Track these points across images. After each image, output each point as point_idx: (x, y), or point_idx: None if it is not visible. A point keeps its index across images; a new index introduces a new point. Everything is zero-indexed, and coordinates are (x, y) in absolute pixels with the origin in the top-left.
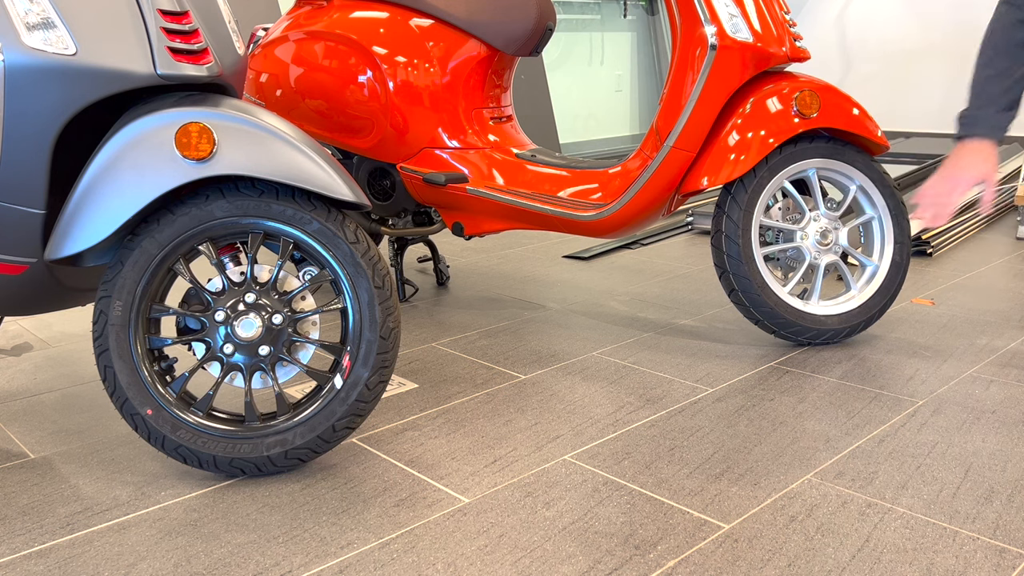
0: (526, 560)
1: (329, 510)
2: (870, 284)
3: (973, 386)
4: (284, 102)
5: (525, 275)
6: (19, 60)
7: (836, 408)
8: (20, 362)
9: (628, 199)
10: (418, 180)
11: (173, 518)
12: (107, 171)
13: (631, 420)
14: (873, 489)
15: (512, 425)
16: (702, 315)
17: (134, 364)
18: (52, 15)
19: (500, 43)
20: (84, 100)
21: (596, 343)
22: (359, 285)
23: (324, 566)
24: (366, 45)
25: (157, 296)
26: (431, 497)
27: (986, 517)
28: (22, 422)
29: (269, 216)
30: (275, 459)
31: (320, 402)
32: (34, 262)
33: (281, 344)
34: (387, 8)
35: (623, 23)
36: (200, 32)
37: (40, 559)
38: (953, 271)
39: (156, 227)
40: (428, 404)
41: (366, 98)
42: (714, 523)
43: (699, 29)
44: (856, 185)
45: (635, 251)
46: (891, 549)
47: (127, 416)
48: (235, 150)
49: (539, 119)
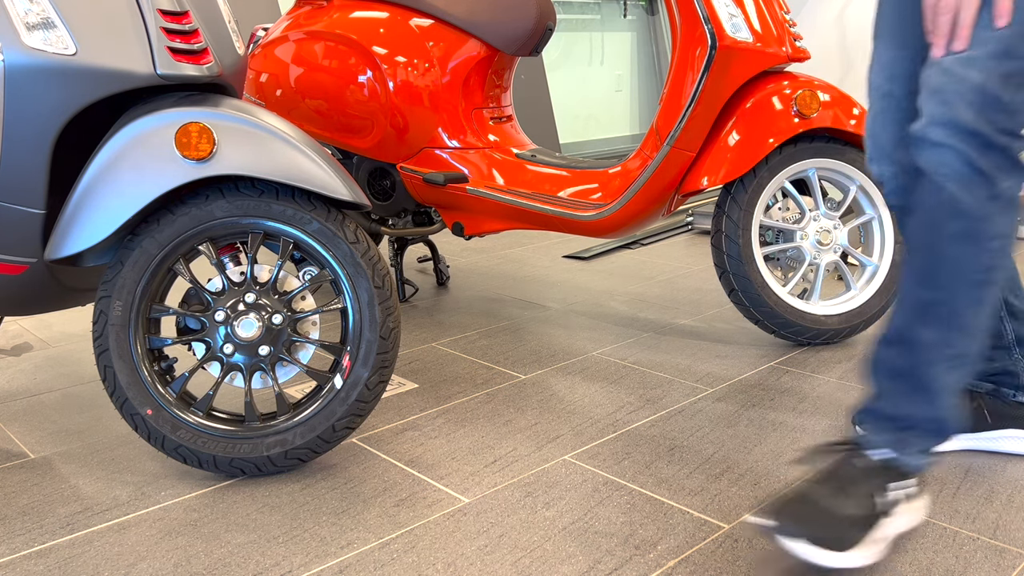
0: (526, 560)
1: (329, 510)
2: (870, 284)
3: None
4: (284, 102)
5: (525, 275)
6: (19, 60)
7: (836, 408)
8: (20, 362)
9: (628, 199)
10: (418, 180)
11: (173, 518)
12: (107, 171)
13: (631, 420)
14: None
15: (512, 425)
16: (702, 315)
17: (134, 364)
18: (52, 15)
19: (500, 43)
20: (84, 100)
21: (596, 343)
22: (359, 285)
23: (324, 566)
24: (366, 45)
25: (157, 296)
26: (431, 497)
27: (986, 517)
28: (22, 422)
29: (269, 216)
30: (275, 459)
31: (320, 402)
32: (34, 262)
33: (281, 344)
34: (387, 8)
35: (623, 23)
36: (200, 32)
37: (40, 559)
38: None
39: (156, 227)
40: (428, 404)
41: (366, 98)
42: (714, 523)
43: (699, 29)
44: (856, 185)
45: (635, 251)
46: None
47: (127, 416)
48: (235, 150)
49: (539, 119)
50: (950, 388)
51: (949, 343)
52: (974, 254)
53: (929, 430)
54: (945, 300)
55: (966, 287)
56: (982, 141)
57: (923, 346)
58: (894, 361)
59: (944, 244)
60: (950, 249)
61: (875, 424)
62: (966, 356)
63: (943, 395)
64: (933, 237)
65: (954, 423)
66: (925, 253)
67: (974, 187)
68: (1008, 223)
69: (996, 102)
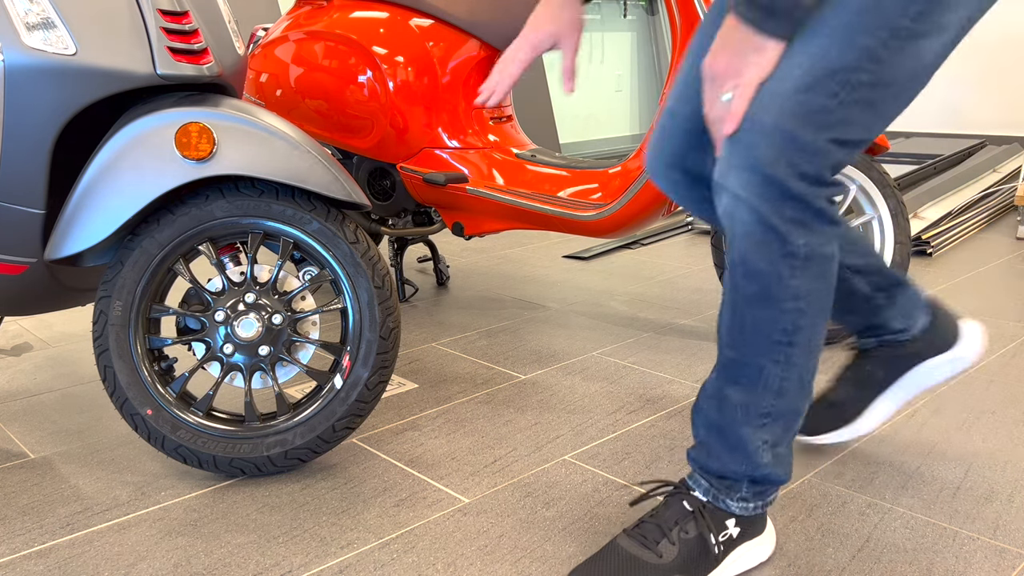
0: (526, 560)
1: (329, 510)
2: None
3: (973, 386)
4: (284, 102)
5: (525, 275)
6: (19, 60)
7: None
8: (20, 362)
9: (628, 199)
10: (418, 180)
11: (173, 518)
12: (107, 171)
13: (631, 420)
14: (873, 489)
15: (512, 425)
16: (702, 315)
17: (134, 364)
18: (52, 15)
19: (500, 43)
20: (84, 100)
21: (596, 343)
22: (359, 285)
23: (324, 566)
24: (366, 45)
25: (157, 296)
26: (431, 497)
27: (986, 517)
28: (22, 422)
29: (269, 216)
30: (275, 459)
31: (320, 402)
32: (34, 262)
33: (281, 344)
34: (387, 8)
35: (623, 23)
36: (200, 32)
37: (40, 559)
38: (953, 271)
39: (156, 227)
40: (428, 404)
41: (366, 98)
42: None
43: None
44: (856, 185)
45: (635, 251)
46: (891, 549)
47: (127, 416)
48: (235, 150)
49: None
50: (768, 444)
51: (758, 404)
52: (771, 317)
53: (747, 484)
54: (748, 362)
55: (767, 349)
56: (778, 191)
57: (731, 406)
58: (710, 414)
59: (741, 305)
60: (747, 311)
61: (697, 470)
62: (780, 414)
63: (760, 453)
64: (733, 296)
65: (778, 475)
66: (728, 310)
67: (766, 246)
68: (809, 281)
69: (794, 142)
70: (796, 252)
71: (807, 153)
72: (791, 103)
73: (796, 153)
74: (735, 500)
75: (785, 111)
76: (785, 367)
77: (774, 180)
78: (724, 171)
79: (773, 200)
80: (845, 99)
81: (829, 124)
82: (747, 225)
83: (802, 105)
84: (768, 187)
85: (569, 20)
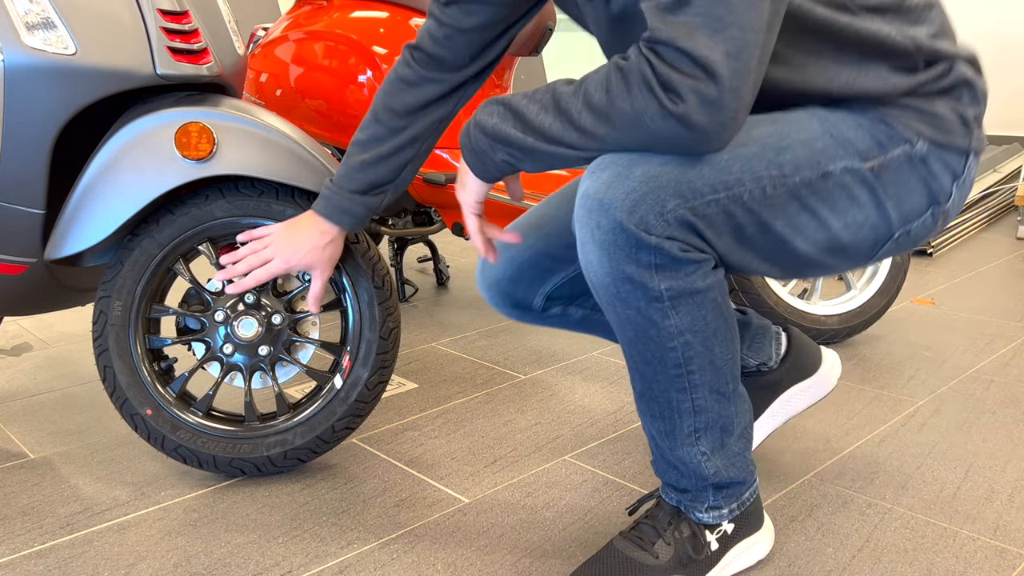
0: (526, 560)
1: (329, 510)
2: (870, 284)
3: (973, 386)
4: (284, 102)
5: None
6: (19, 60)
7: (836, 408)
8: (20, 362)
9: None
10: (418, 180)
11: (173, 518)
12: (107, 171)
13: (631, 420)
14: (873, 489)
15: (512, 425)
16: None
17: (134, 364)
18: (52, 15)
19: None
20: (84, 100)
21: (596, 343)
22: (359, 285)
23: (324, 566)
24: (366, 45)
25: (157, 296)
26: (431, 497)
27: (986, 517)
28: (22, 422)
29: (269, 216)
30: (275, 459)
31: (320, 402)
32: (34, 262)
33: (281, 344)
34: (387, 8)
35: None
36: (200, 32)
37: (40, 559)
38: (953, 271)
39: (156, 227)
40: (428, 404)
41: (366, 98)
42: None
43: None
44: None
45: None
46: (891, 549)
47: (127, 416)
48: (235, 150)
49: None
50: (707, 454)
51: (680, 427)
52: (660, 355)
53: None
54: (656, 396)
55: (668, 383)
56: (630, 240)
57: (657, 433)
58: (649, 438)
59: (629, 345)
60: (637, 350)
61: (663, 483)
62: (707, 427)
63: (703, 466)
64: (619, 334)
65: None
66: (624, 346)
67: (627, 297)
68: (686, 316)
69: (656, 204)
70: (661, 295)
71: (663, 214)
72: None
73: (651, 211)
74: (704, 511)
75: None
76: (692, 390)
77: (625, 229)
78: (577, 216)
79: (626, 248)
80: (723, 202)
81: (695, 208)
82: (603, 280)
83: (684, 184)
84: (621, 234)
85: (330, 257)
